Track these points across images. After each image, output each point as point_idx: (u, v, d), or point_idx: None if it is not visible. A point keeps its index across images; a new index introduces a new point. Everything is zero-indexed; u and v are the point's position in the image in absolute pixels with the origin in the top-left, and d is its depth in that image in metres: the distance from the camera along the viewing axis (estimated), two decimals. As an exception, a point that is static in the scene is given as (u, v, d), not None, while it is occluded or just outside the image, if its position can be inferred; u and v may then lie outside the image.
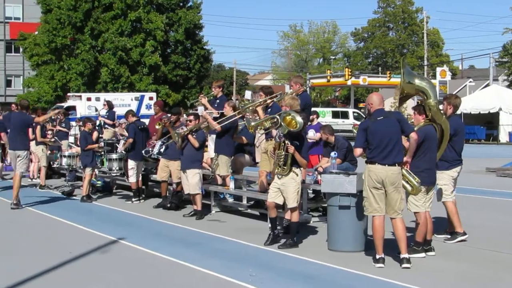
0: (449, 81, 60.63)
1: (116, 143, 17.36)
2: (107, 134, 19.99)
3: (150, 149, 15.49)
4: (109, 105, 22.66)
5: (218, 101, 14.44)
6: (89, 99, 41.77)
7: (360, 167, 10.82)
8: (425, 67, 75.49)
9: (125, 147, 16.02)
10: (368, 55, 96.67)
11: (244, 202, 14.17)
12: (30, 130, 16.67)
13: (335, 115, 54.31)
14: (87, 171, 16.00)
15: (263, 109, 12.38)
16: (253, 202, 13.82)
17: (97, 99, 40.22)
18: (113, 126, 20.25)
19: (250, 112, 12.79)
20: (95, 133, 16.87)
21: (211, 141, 14.49)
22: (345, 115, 55.09)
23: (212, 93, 14.85)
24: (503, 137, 48.19)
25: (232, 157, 14.04)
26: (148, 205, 15.25)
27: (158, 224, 12.94)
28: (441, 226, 11.37)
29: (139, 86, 50.80)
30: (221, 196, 14.64)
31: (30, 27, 57.96)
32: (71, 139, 21.41)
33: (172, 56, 53.81)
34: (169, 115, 15.41)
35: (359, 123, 10.11)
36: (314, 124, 14.77)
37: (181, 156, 13.76)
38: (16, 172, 15.10)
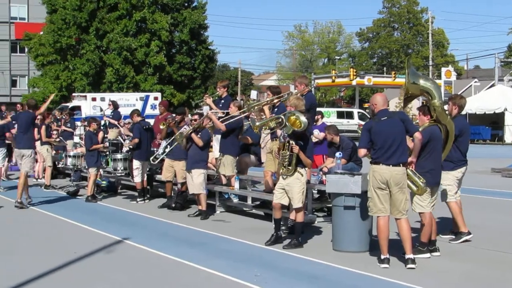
0: (454, 81, 60.54)
1: (122, 142, 17.39)
2: (112, 134, 20.03)
3: (156, 150, 15.57)
4: (114, 105, 22.74)
5: (223, 101, 14.44)
6: (94, 99, 41.91)
7: (365, 168, 10.81)
8: (430, 67, 75.28)
9: (130, 146, 16.05)
10: (373, 55, 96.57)
11: (249, 202, 14.17)
12: (36, 130, 16.73)
13: (340, 115, 54.18)
14: (92, 171, 16.02)
15: (270, 109, 12.38)
16: (259, 203, 13.81)
17: (102, 99, 40.32)
18: (118, 126, 20.30)
19: (256, 111, 12.78)
20: (101, 133, 16.90)
21: (216, 142, 14.49)
22: (350, 115, 54.97)
23: (217, 93, 14.85)
24: (508, 138, 48.03)
25: (237, 157, 14.04)
26: (153, 205, 15.26)
27: (163, 224, 12.96)
28: (446, 227, 11.37)
29: (144, 86, 50.87)
30: (226, 196, 14.65)
31: (35, 27, 58.10)
32: (76, 139, 21.45)
33: (177, 56, 53.83)
34: (174, 115, 15.43)
35: (364, 124, 10.10)
36: (319, 124, 14.77)
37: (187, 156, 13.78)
38: (22, 172, 15.13)
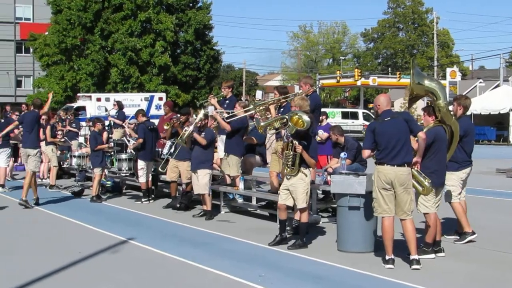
0: (459, 82, 60.37)
1: (127, 143, 17.40)
2: (117, 135, 20.04)
3: (161, 151, 15.61)
4: (119, 106, 22.79)
5: (228, 102, 14.43)
6: (99, 100, 42.00)
7: (370, 168, 10.80)
8: (435, 68, 75.21)
9: (134, 147, 16.05)
10: (378, 56, 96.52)
11: (254, 203, 14.17)
12: (41, 130, 16.77)
13: (345, 116, 54.12)
14: (97, 171, 16.04)
15: (276, 109, 12.38)
16: (265, 203, 13.80)
17: (107, 100, 40.43)
18: (122, 127, 20.32)
19: (261, 111, 12.78)
20: (105, 134, 16.91)
21: (221, 142, 14.48)
22: (355, 116, 54.90)
23: (222, 94, 14.84)
24: (514, 138, 47.99)
25: (242, 158, 14.03)
26: (158, 206, 15.26)
27: (168, 225, 12.96)
28: (451, 227, 11.35)
29: (149, 87, 50.94)
30: (231, 197, 14.64)
31: (40, 28, 58.22)
32: (81, 139, 21.47)
33: (182, 57, 53.90)
34: (179, 116, 15.43)
35: (368, 125, 10.10)
36: (324, 125, 14.76)
37: (191, 156, 13.77)
38: (28, 171, 15.18)
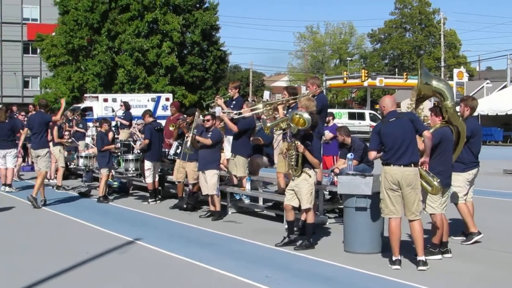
0: (466, 83, 60.25)
1: (133, 143, 17.42)
2: (123, 135, 20.06)
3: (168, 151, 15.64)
4: (126, 106, 22.80)
5: (235, 102, 14.42)
6: (106, 100, 42.06)
7: (377, 169, 10.79)
8: (442, 69, 75.02)
9: (140, 147, 16.08)
10: (385, 56, 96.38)
11: (261, 203, 14.17)
12: (49, 131, 16.81)
13: (352, 117, 54.06)
14: (104, 172, 16.06)
15: (284, 109, 12.38)
16: (272, 204, 13.80)
17: (114, 100, 40.49)
18: (129, 127, 20.34)
19: (268, 111, 12.78)
20: (111, 134, 16.93)
21: (227, 142, 14.48)
22: (362, 117, 54.83)
23: (228, 94, 14.84)
24: (521, 139, 47.84)
25: (249, 158, 14.03)
26: (165, 206, 15.27)
27: (175, 225, 12.97)
28: (458, 228, 11.32)
29: (156, 87, 51.00)
30: (237, 197, 14.64)
31: (47, 28, 58.35)
32: (88, 140, 21.50)
33: (189, 57, 53.94)
34: (185, 116, 15.44)
35: (373, 126, 10.10)
36: (330, 126, 14.74)
37: (198, 157, 13.77)
38: (40, 171, 15.25)
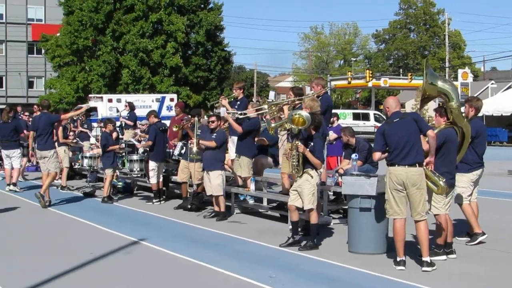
0: (471, 83, 60.12)
1: (135, 143, 17.44)
2: (128, 136, 20.05)
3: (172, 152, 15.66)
4: (131, 106, 22.81)
5: (239, 103, 14.42)
6: (110, 100, 42.08)
7: (381, 169, 10.78)
8: (447, 69, 74.93)
9: (143, 147, 16.11)
10: (389, 57, 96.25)
11: (265, 204, 14.16)
12: (55, 131, 16.83)
13: (356, 117, 54.00)
14: (108, 172, 16.07)
15: (290, 109, 12.36)
16: (276, 204, 13.79)
17: (118, 101, 40.49)
18: (134, 127, 20.34)
19: (273, 111, 12.77)
20: (114, 134, 16.94)
21: (232, 143, 14.48)
22: (366, 117, 54.76)
23: (233, 95, 14.83)
24: (526, 140, 47.72)
25: (254, 159, 14.03)
26: (169, 206, 15.27)
27: (179, 225, 12.97)
28: (463, 229, 11.29)
29: (160, 88, 51.06)
30: (242, 198, 14.64)
31: (52, 29, 58.43)
32: (93, 140, 21.52)
33: (193, 58, 54.01)
34: (190, 117, 15.44)
35: (378, 127, 10.10)
36: (335, 126, 14.72)
37: (203, 157, 13.76)
38: (50, 172, 15.37)
